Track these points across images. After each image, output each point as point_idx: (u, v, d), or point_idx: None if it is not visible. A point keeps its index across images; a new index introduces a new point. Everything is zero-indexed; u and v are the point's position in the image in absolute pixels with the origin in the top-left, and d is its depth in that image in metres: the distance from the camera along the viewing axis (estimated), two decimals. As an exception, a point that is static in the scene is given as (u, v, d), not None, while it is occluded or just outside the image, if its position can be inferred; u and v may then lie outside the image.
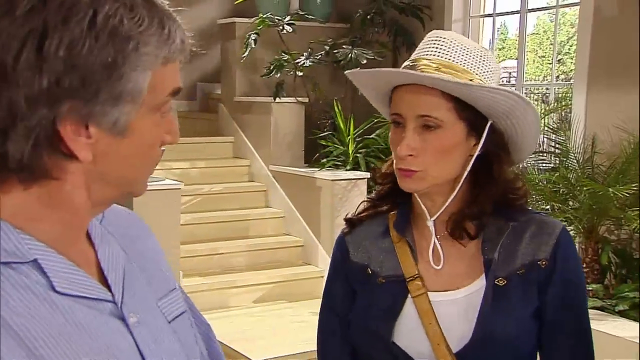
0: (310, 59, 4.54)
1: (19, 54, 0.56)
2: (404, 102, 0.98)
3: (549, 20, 8.45)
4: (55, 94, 0.57)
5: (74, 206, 0.63)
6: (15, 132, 0.57)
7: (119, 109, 0.59)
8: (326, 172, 4.39)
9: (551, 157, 3.49)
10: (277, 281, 4.04)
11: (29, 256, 0.60)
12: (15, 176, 0.59)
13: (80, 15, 0.56)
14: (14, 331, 0.57)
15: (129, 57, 0.58)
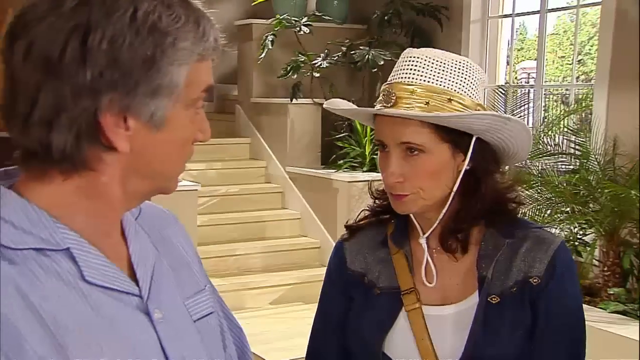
0: (327, 60, 4.54)
1: (65, 48, 0.58)
2: (385, 130, 0.99)
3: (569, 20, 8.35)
4: (97, 86, 0.59)
5: (109, 198, 0.65)
6: (59, 123, 0.59)
7: (157, 102, 0.62)
8: (343, 174, 4.37)
9: (571, 158, 3.44)
10: (293, 283, 4.03)
11: (62, 245, 0.62)
12: (56, 167, 0.62)
13: (122, 11, 0.59)
14: (41, 316, 0.58)
15: (167, 51, 0.61)
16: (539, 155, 3.47)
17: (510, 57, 4.81)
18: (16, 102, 0.61)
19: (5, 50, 0.62)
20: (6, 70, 0.62)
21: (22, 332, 0.57)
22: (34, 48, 0.59)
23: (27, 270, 0.60)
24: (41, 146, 0.61)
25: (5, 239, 0.60)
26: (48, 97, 0.59)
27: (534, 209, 3.30)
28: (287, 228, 4.51)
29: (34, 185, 0.63)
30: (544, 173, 3.36)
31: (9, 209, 0.61)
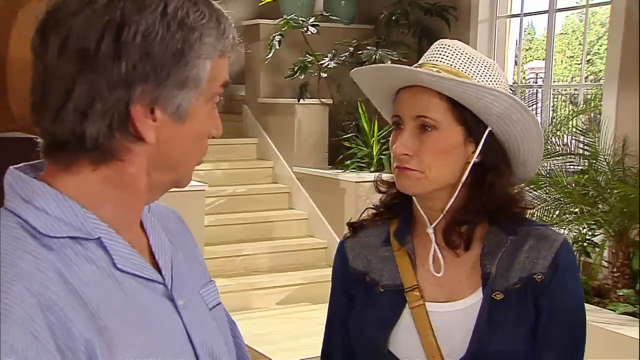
0: (335, 60, 4.53)
1: (100, 42, 0.61)
2: (403, 104, 1.00)
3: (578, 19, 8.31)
4: (131, 78, 0.62)
5: (135, 188, 0.67)
6: (93, 112, 0.62)
7: (183, 94, 0.65)
8: (350, 174, 4.37)
9: (580, 159, 3.41)
10: (300, 283, 4.03)
11: (94, 234, 0.64)
12: (86, 157, 0.64)
13: (153, 6, 0.62)
14: (83, 300, 0.60)
15: (194, 46, 0.64)
16: (548, 156, 3.45)
17: (519, 57, 4.78)
18: (50, 94, 0.62)
19: (38, 45, 0.63)
20: (38, 64, 0.64)
21: (69, 315, 0.59)
22: (69, 42, 0.61)
23: (64, 257, 0.62)
24: (74, 136, 0.62)
25: (43, 227, 0.61)
26: (84, 89, 0.61)
27: (543, 209, 3.28)
28: (294, 228, 4.51)
29: (63, 175, 0.64)
30: (552, 173, 3.34)
31: (43, 199, 0.63)
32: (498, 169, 1.00)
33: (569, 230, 3.28)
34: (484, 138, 0.98)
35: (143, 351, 0.63)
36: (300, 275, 4.08)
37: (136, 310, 0.65)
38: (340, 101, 4.70)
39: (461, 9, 4.48)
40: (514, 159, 1.03)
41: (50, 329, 0.57)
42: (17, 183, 0.65)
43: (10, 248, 0.60)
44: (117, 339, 0.61)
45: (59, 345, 0.57)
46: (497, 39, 4.43)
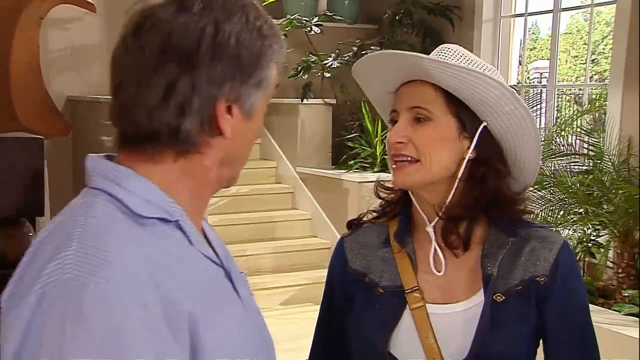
0: (338, 60, 4.52)
1: (200, 43, 0.67)
2: (399, 97, 1.02)
3: (583, 19, 8.27)
4: (223, 76, 0.69)
5: (206, 180, 0.73)
6: (191, 109, 0.68)
7: (256, 94, 0.72)
8: (353, 174, 4.36)
9: (584, 159, 3.40)
10: (304, 283, 4.02)
11: (174, 217, 0.69)
12: (172, 149, 0.69)
13: (238, 15, 0.70)
14: (175, 275, 0.65)
15: (267, 51, 0.72)
16: (552, 156, 3.43)
17: (523, 57, 4.77)
18: (149, 90, 0.67)
19: (133, 45, 0.68)
20: (133, 62, 0.68)
21: (171, 288, 0.63)
22: (170, 43, 0.67)
23: (155, 234, 0.67)
24: (169, 129, 0.68)
25: (136, 206, 0.67)
26: (185, 85, 0.67)
27: (547, 209, 3.27)
28: (298, 228, 4.50)
29: (146, 165, 0.70)
30: (557, 174, 3.33)
31: (130, 181, 0.68)
32: (492, 165, 1.00)
33: (573, 230, 3.27)
34: (478, 133, 0.99)
35: (226, 324, 0.69)
36: (304, 276, 4.07)
37: (212, 286, 0.71)
38: (344, 101, 4.69)
39: (465, 9, 4.46)
40: (510, 159, 1.03)
41: (159, 300, 0.61)
42: (101, 167, 0.70)
43: (109, 223, 0.64)
44: (205, 313, 0.66)
45: (166, 316, 0.61)
46: (501, 38, 4.41)
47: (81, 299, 0.57)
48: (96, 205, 0.66)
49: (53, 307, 0.57)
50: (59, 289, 0.58)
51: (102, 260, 0.60)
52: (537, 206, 3.33)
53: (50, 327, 0.57)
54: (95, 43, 5.00)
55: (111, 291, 0.58)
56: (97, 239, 0.62)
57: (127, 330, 0.58)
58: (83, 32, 4.93)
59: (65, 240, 0.62)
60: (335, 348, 1.10)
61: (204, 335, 0.64)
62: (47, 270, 0.60)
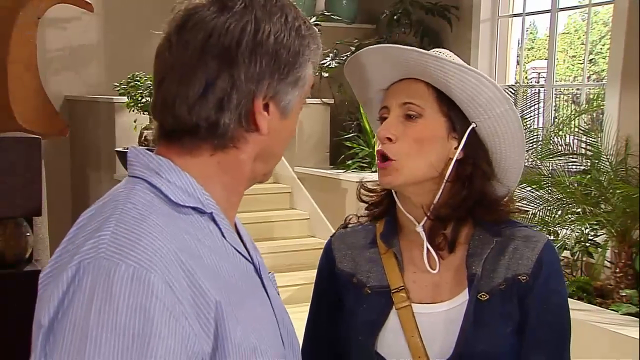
0: (336, 59, 4.53)
1: (240, 40, 0.69)
2: (391, 94, 1.03)
3: (581, 19, 8.28)
4: (262, 74, 0.70)
5: (240, 175, 0.75)
6: (230, 104, 0.70)
7: (293, 92, 0.74)
8: (351, 174, 4.36)
9: (582, 159, 3.40)
10: (301, 283, 4.02)
11: (208, 209, 0.71)
12: (210, 143, 0.71)
13: (278, 14, 0.72)
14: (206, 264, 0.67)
15: (305, 51, 0.74)
16: (550, 156, 3.44)
17: (521, 57, 4.77)
18: (190, 86, 0.69)
19: (176, 42, 0.71)
20: (175, 59, 0.70)
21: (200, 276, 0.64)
22: (211, 40, 0.69)
23: (190, 223, 0.69)
24: (208, 123, 0.70)
25: (173, 195, 0.69)
26: (225, 82, 0.69)
27: (545, 209, 3.27)
28: (296, 228, 4.50)
29: (184, 157, 0.72)
30: (554, 173, 3.33)
31: (169, 172, 0.71)
32: (478, 166, 1.02)
33: (571, 230, 3.27)
34: (467, 133, 1.00)
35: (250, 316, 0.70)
36: (302, 276, 4.07)
37: (241, 280, 0.72)
38: (342, 101, 4.70)
39: (463, 9, 4.47)
40: (495, 160, 1.04)
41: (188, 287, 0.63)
42: (142, 157, 0.72)
43: (148, 208, 0.66)
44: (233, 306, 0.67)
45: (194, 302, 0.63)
46: (499, 38, 4.42)
47: (111, 278, 0.60)
48: (136, 192, 0.68)
49: (85, 282, 0.60)
50: (92, 266, 0.61)
51: (135, 243, 0.62)
52: (535, 206, 3.33)
53: (80, 301, 0.59)
54: (93, 43, 4.99)
55: (141, 273, 0.60)
56: (133, 224, 0.64)
57: (152, 312, 0.59)
58: (81, 31, 4.93)
59: (104, 222, 0.65)
60: (324, 350, 1.11)
61: (231, 326, 0.65)
62: (84, 248, 0.62)
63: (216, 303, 0.65)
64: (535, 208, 3.31)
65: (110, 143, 4.38)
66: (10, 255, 1.94)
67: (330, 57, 4.54)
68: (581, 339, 2.60)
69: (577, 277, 3.23)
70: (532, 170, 3.49)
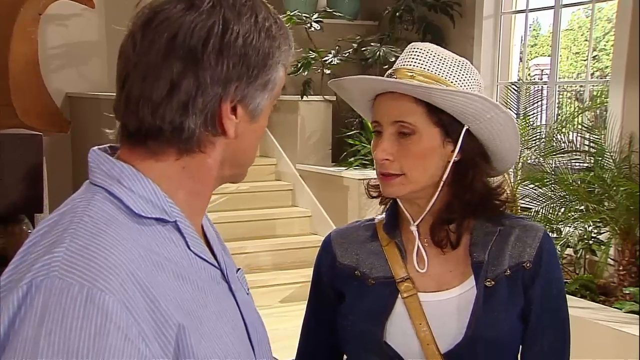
0: (338, 56, 4.51)
1: (207, 41, 0.67)
2: (381, 110, 1.03)
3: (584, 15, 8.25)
4: (229, 76, 0.68)
5: (208, 179, 0.73)
6: (195, 107, 0.68)
7: (262, 95, 0.72)
8: (353, 171, 4.35)
9: (586, 156, 3.39)
10: (303, 281, 4.01)
11: (172, 217, 0.69)
12: (175, 147, 0.69)
13: (248, 14, 0.70)
14: (167, 277, 0.65)
15: (275, 52, 0.72)
16: (553, 153, 3.42)
17: (524, 54, 4.75)
18: (154, 88, 0.67)
19: (140, 41, 0.68)
20: (137, 59, 0.68)
21: (160, 298, 0.62)
22: (177, 41, 0.67)
23: (152, 235, 0.67)
24: (172, 127, 0.68)
25: (135, 206, 0.67)
26: (190, 84, 0.67)
27: (548, 207, 3.26)
28: (297, 226, 4.49)
29: (148, 162, 0.69)
30: (557, 171, 3.32)
31: (130, 180, 0.68)
32: (477, 165, 1.03)
33: (574, 228, 3.26)
34: (461, 137, 1.01)
35: (215, 329, 0.68)
36: (303, 273, 4.06)
37: (207, 289, 0.70)
38: (344, 98, 4.68)
39: (466, 5, 4.45)
40: (492, 153, 1.06)
41: (146, 307, 0.61)
42: (103, 162, 0.69)
43: (106, 222, 0.64)
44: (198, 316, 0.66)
45: (153, 323, 0.61)
46: (502, 35, 4.40)
47: (64, 299, 0.57)
48: (95, 203, 0.66)
49: (36, 302, 0.57)
50: (44, 285, 0.58)
51: (90, 261, 0.59)
52: (538, 203, 3.32)
53: (31, 322, 0.57)
54: (94, 39, 4.98)
55: (94, 295, 0.57)
56: (89, 239, 0.61)
57: (106, 335, 0.57)
58: (82, 28, 4.92)
59: (59, 236, 0.62)
60: (323, 348, 1.12)
61: (194, 343, 0.63)
62: (36, 265, 0.60)
63: (178, 323, 0.62)
64: (538, 205, 3.30)
65: (111, 140, 4.37)
66: (11, 252, 1.94)
67: (333, 54, 4.52)
68: (584, 336, 2.60)
69: (580, 275, 3.22)
70: (535, 168, 3.47)
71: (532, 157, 3.54)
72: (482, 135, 1.03)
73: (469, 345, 0.99)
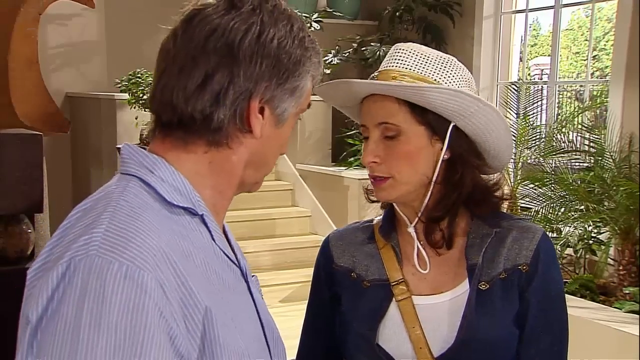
0: (338, 56, 4.51)
1: (243, 39, 0.71)
2: (366, 113, 1.03)
3: (584, 15, 8.25)
4: (260, 74, 0.71)
5: (232, 178, 0.75)
6: (226, 98, 0.71)
7: (289, 101, 0.75)
8: (353, 171, 4.35)
9: (585, 156, 3.39)
10: (303, 281, 4.01)
11: (199, 211, 0.72)
12: (204, 138, 0.72)
13: (284, 22, 0.74)
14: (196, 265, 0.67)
15: (306, 62, 0.76)
16: (553, 153, 3.43)
17: (524, 53, 4.76)
18: (190, 76, 0.70)
19: (182, 34, 0.72)
20: (178, 50, 0.72)
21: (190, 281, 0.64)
22: (215, 35, 0.71)
23: (182, 223, 0.70)
24: (203, 115, 0.71)
25: (167, 194, 0.70)
26: (224, 76, 0.70)
27: (548, 207, 3.26)
28: (297, 226, 4.49)
29: (178, 153, 0.72)
30: (557, 171, 3.32)
31: (163, 171, 0.71)
32: (467, 162, 1.02)
33: (574, 227, 3.26)
34: (448, 134, 1.00)
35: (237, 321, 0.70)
36: (303, 273, 4.06)
37: (229, 284, 0.72)
38: (344, 98, 4.68)
39: (466, 5, 4.45)
40: (483, 150, 1.05)
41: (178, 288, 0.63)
42: (137, 154, 0.72)
43: (142, 207, 0.66)
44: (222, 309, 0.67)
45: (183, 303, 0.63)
46: (502, 35, 4.40)
47: (104, 276, 0.59)
48: (130, 190, 0.68)
49: (76, 280, 0.59)
50: (84, 264, 0.60)
51: (128, 241, 0.62)
52: (538, 203, 3.32)
53: (71, 300, 0.58)
54: (94, 39, 4.98)
55: (133, 272, 0.60)
56: (126, 222, 0.64)
57: (144, 311, 0.59)
58: (82, 28, 4.91)
59: (97, 218, 0.64)
60: (322, 348, 1.12)
61: (220, 329, 0.65)
62: (75, 244, 0.62)
63: (205, 306, 0.64)
64: (538, 205, 3.30)
65: (112, 140, 4.38)
66: (11, 253, 1.94)
67: (333, 53, 4.52)
68: (584, 336, 2.60)
69: (580, 275, 3.22)
70: (535, 168, 3.48)
71: (532, 156, 3.54)
72: (470, 130, 1.01)
73: (461, 348, 0.98)
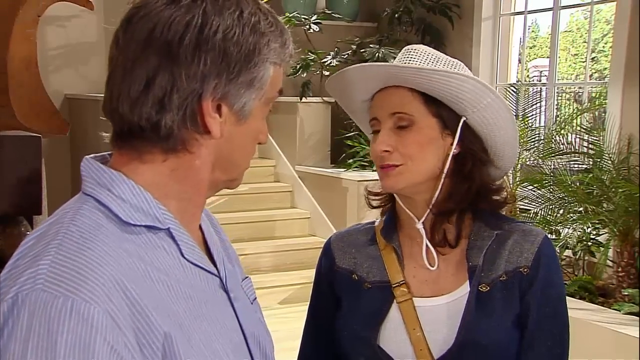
0: (337, 58, 4.51)
1: (184, 36, 0.65)
2: (378, 106, 1.04)
3: (583, 17, 8.26)
4: (206, 72, 0.66)
5: (198, 183, 0.70)
6: (171, 103, 0.66)
7: (248, 94, 0.69)
8: (352, 173, 4.35)
9: (584, 157, 3.39)
10: (303, 282, 4.01)
11: (164, 225, 0.68)
12: (159, 146, 0.67)
13: (232, 9, 0.67)
14: (156, 287, 0.64)
15: (263, 49, 0.69)
16: (552, 154, 3.43)
17: (522, 55, 4.76)
18: (131, 83, 0.66)
19: (122, 36, 0.68)
20: (120, 55, 0.67)
21: (148, 307, 0.61)
22: (154, 35, 0.65)
23: (142, 244, 0.65)
24: (149, 124, 0.66)
25: (124, 214, 0.65)
26: (164, 79, 0.65)
27: (547, 208, 3.26)
28: (297, 227, 4.49)
29: (137, 165, 0.68)
30: (556, 172, 3.32)
31: (120, 187, 0.66)
32: (476, 157, 1.03)
33: (573, 229, 3.26)
34: (459, 128, 1.01)
35: (207, 339, 0.66)
36: (303, 275, 4.06)
37: (201, 298, 0.68)
38: (343, 99, 4.68)
39: (464, 7, 4.45)
40: (490, 147, 1.06)
41: (132, 318, 0.59)
42: (94, 171, 0.68)
43: (93, 232, 0.62)
44: (188, 326, 0.64)
45: (138, 334, 0.60)
46: (501, 36, 4.40)
47: (48, 311, 0.56)
48: (82, 213, 0.64)
49: (22, 316, 0.57)
50: (30, 299, 0.57)
51: (75, 273, 0.59)
52: (537, 205, 3.32)
53: (18, 337, 0.56)
54: (93, 40, 4.98)
55: (79, 306, 0.57)
56: (75, 250, 0.60)
57: (92, 347, 0.56)
58: (81, 30, 4.92)
59: (45, 248, 0.61)
60: (323, 351, 1.11)
61: (184, 352, 0.63)
62: (22, 278, 0.59)
63: (164, 332, 0.61)
64: (537, 207, 3.30)
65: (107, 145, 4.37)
66: (10, 254, 1.93)
67: (332, 55, 4.52)
68: (583, 338, 2.60)
69: (579, 277, 3.22)
70: (534, 169, 3.48)
71: (531, 158, 3.54)
72: (480, 125, 1.03)
73: (460, 350, 0.98)
